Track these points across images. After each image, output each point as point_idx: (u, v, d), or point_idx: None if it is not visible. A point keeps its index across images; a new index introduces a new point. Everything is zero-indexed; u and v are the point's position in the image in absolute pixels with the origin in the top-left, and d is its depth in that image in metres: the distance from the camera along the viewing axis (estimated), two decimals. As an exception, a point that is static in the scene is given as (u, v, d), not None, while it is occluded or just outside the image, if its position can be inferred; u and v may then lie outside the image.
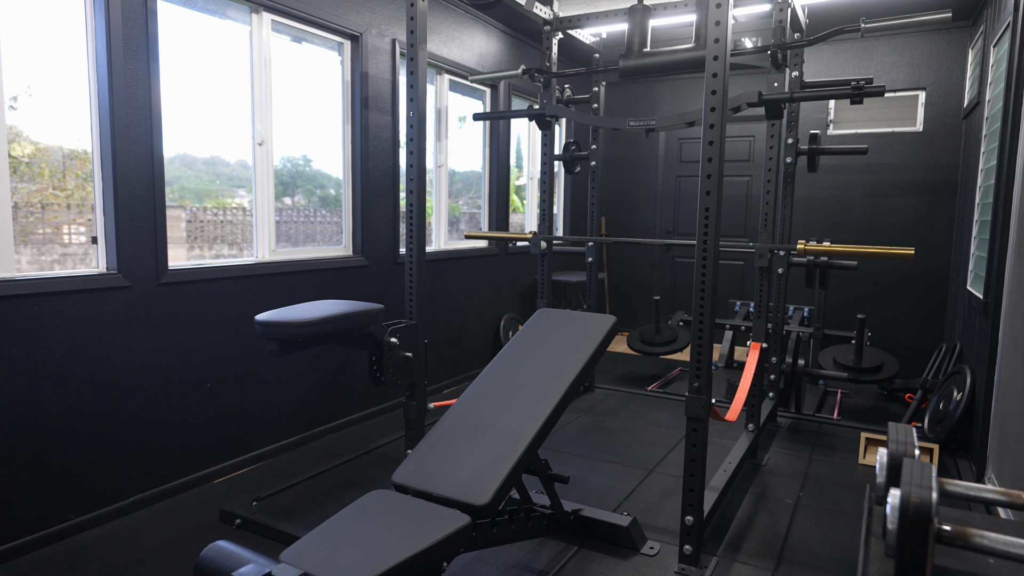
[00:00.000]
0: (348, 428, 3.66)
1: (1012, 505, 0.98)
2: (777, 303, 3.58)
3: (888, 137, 5.01)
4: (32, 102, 2.35)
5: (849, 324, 5.12)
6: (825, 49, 5.08)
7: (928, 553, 0.81)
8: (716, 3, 2.00)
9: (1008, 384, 2.61)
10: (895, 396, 4.42)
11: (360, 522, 1.57)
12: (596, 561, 2.27)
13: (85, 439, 2.44)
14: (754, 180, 5.65)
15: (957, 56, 4.73)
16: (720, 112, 2.04)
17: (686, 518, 2.19)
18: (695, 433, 2.16)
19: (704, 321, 2.15)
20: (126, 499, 2.58)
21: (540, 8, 3.60)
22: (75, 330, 2.39)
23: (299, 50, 3.40)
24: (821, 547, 2.42)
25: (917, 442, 1.06)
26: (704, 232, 2.10)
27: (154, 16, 2.57)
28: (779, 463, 3.23)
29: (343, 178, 3.73)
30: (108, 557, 2.27)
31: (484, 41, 4.73)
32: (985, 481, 2.89)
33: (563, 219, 6.20)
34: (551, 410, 2.00)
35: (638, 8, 3.04)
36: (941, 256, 4.87)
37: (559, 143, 5.54)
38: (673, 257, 6.19)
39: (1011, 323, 2.64)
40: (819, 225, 5.28)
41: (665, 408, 4.10)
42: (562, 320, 2.45)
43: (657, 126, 3.12)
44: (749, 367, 3.01)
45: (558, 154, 4.09)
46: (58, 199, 2.49)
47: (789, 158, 3.50)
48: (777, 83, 3.06)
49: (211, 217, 3.09)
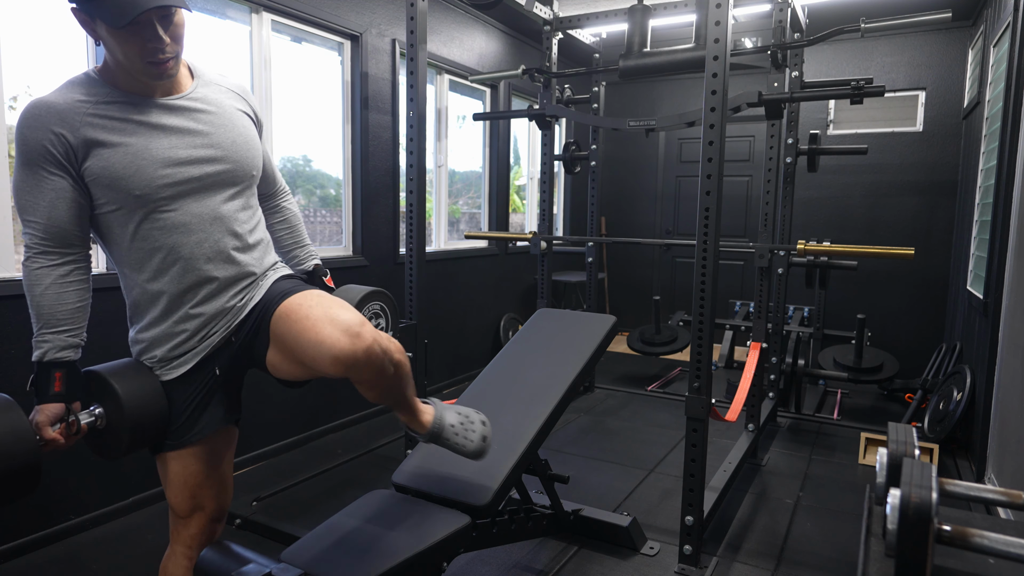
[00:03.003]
0: (348, 428, 3.66)
1: (1012, 505, 0.98)
2: (777, 303, 3.58)
3: (888, 137, 5.01)
4: (32, 102, 2.35)
5: (849, 324, 5.11)
6: (825, 49, 5.08)
7: (928, 553, 0.81)
8: (716, 3, 2.00)
9: (1008, 384, 2.61)
10: (895, 396, 4.42)
11: (360, 522, 1.57)
12: (596, 561, 2.27)
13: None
14: (754, 180, 5.65)
15: (957, 56, 4.73)
16: (720, 112, 2.04)
17: (686, 518, 2.19)
18: (695, 433, 2.16)
19: (704, 321, 2.15)
20: (126, 499, 2.58)
21: (540, 8, 3.60)
22: (75, 330, 2.39)
23: (299, 50, 3.40)
24: (821, 547, 2.42)
25: (917, 442, 1.06)
26: (704, 232, 2.10)
27: (154, 16, 2.56)
28: (779, 463, 3.23)
29: (343, 178, 3.73)
30: (108, 557, 2.27)
31: (484, 41, 4.73)
32: (985, 481, 2.89)
33: (563, 219, 6.20)
34: (551, 410, 2.00)
35: (638, 8, 3.04)
36: (941, 256, 4.87)
37: (559, 143, 5.54)
38: (673, 257, 6.19)
39: (1011, 323, 2.64)
40: (819, 225, 5.28)
41: (665, 408, 4.10)
42: (562, 320, 2.45)
43: (657, 126, 3.12)
44: (749, 367, 3.01)
45: (558, 154, 4.09)
46: (58, 199, 2.49)
47: (789, 158, 3.50)
48: (777, 83, 3.06)
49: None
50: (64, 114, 1.25)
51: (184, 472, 1.42)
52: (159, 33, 1.24)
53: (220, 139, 1.38)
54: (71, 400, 1.30)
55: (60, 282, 1.28)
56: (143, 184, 1.27)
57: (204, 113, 1.38)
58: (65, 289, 1.28)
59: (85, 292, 1.32)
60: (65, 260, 1.28)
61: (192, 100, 1.37)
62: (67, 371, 1.29)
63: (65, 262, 1.28)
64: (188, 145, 1.33)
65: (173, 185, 1.30)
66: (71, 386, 1.30)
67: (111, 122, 1.27)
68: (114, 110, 1.28)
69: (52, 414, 1.27)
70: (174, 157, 1.31)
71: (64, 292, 1.28)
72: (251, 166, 1.44)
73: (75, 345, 1.30)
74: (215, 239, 1.37)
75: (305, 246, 1.70)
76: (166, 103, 1.33)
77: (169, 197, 1.30)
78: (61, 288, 1.28)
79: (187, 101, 1.36)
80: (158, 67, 1.27)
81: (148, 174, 1.27)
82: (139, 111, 1.30)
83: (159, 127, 1.31)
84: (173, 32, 1.28)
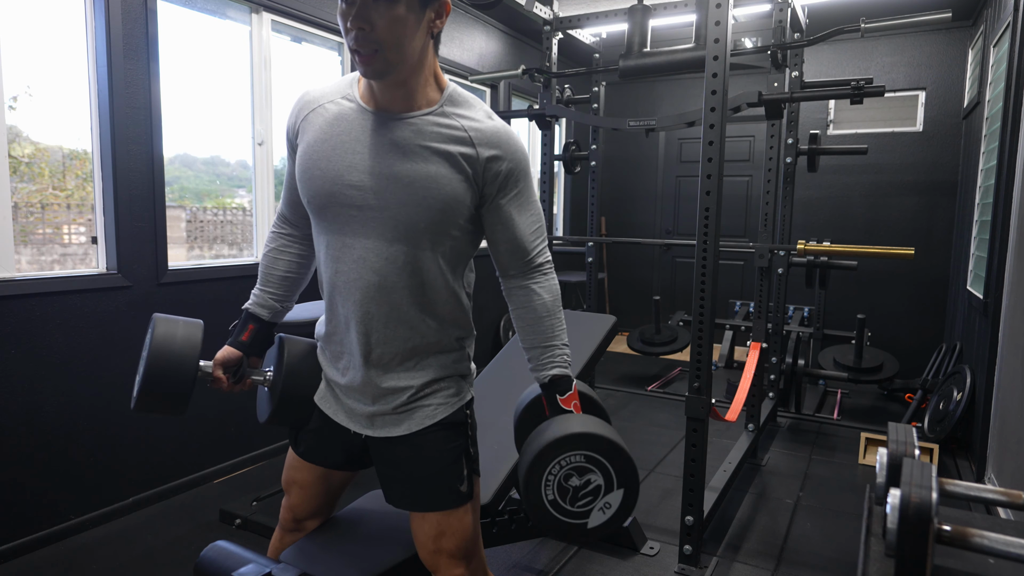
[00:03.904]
0: (348, 428, 3.65)
1: (1012, 505, 0.98)
2: (777, 303, 3.58)
3: (888, 137, 5.01)
4: (32, 102, 2.35)
5: (849, 324, 5.11)
6: (825, 49, 5.08)
7: (928, 553, 0.81)
8: (716, 3, 2.00)
9: (1008, 384, 2.61)
10: (895, 396, 4.42)
11: (360, 522, 1.57)
12: (596, 561, 2.27)
13: (85, 439, 2.44)
14: (754, 180, 5.65)
15: (957, 56, 4.73)
16: (720, 112, 2.04)
17: (686, 518, 2.19)
18: (695, 433, 2.16)
19: (704, 321, 2.15)
20: (126, 499, 2.58)
21: (540, 8, 3.60)
22: (75, 330, 2.39)
23: (299, 50, 3.40)
24: (821, 547, 2.42)
25: (917, 442, 1.06)
26: (704, 232, 2.10)
27: (154, 16, 2.57)
28: (779, 463, 3.23)
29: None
30: (108, 557, 2.27)
31: (484, 41, 4.73)
32: (985, 481, 2.89)
33: (563, 219, 6.20)
34: (551, 410, 1.99)
35: (638, 8, 3.04)
36: (941, 256, 4.87)
37: (559, 143, 5.53)
38: (673, 257, 6.18)
39: (1011, 323, 2.64)
40: (819, 225, 5.28)
41: (665, 408, 4.10)
42: (562, 320, 2.44)
43: (657, 126, 3.12)
44: (749, 367, 3.01)
45: (558, 154, 4.09)
46: (58, 199, 2.49)
47: (789, 158, 3.50)
48: (777, 83, 3.06)
49: (211, 217, 3.09)
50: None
51: (290, 470, 1.41)
52: (349, 10, 1.06)
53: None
54: (250, 353, 1.35)
55: (276, 248, 1.37)
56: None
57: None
58: (278, 256, 1.37)
59: (294, 266, 1.37)
60: (282, 233, 1.37)
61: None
62: (259, 327, 1.35)
63: (281, 234, 1.37)
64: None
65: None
66: (257, 342, 1.35)
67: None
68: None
69: (228, 357, 1.32)
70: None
71: (276, 259, 1.37)
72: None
73: (272, 307, 1.36)
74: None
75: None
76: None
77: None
78: (275, 255, 1.37)
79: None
80: (356, 56, 1.09)
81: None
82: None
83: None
84: (365, 15, 1.04)
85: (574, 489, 1.13)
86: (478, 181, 1.17)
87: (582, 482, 1.12)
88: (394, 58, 1.08)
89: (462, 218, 1.18)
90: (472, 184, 1.17)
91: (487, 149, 1.16)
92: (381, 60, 1.07)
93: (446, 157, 1.14)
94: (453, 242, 1.20)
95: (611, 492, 1.13)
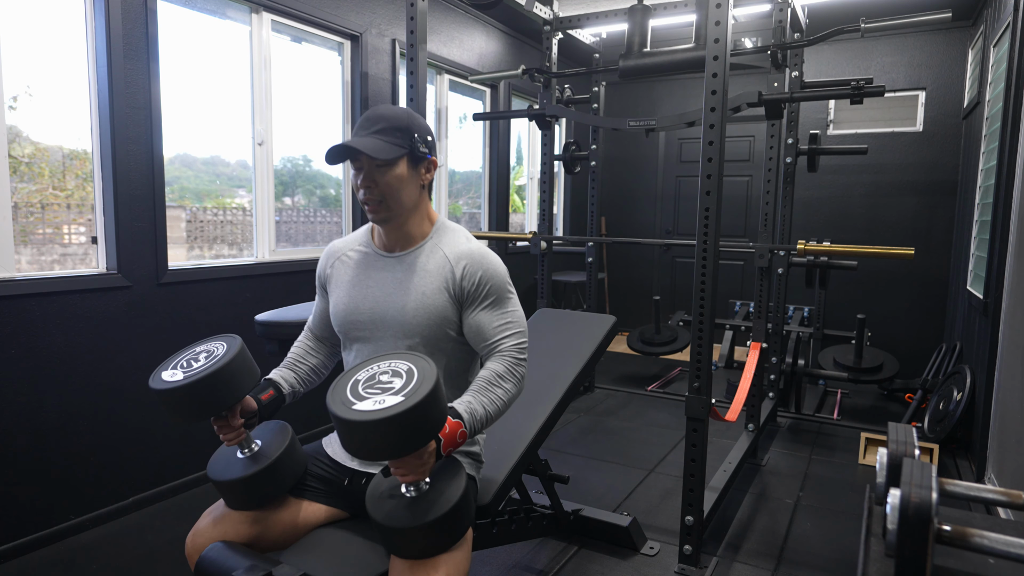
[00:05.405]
0: (348, 428, 3.65)
1: (1012, 505, 0.98)
2: (777, 303, 3.58)
3: (888, 137, 5.01)
4: (32, 102, 2.35)
5: (849, 324, 5.11)
6: (825, 49, 5.08)
7: (928, 553, 0.81)
8: (716, 3, 2.00)
9: (1008, 384, 2.61)
10: (895, 396, 4.42)
11: (360, 522, 1.57)
12: (596, 561, 2.27)
13: (85, 439, 2.44)
14: (754, 180, 5.65)
15: (957, 56, 4.73)
16: (720, 112, 2.04)
17: (686, 518, 2.19)
18: (695, 433, 2.16)
19: (704, 321, 2.15)
20: (126, 499, 2.58)
21: (540, 8, 3.60)
22: (75, 330, 2.39)
23: (299, 50, 3.40)
24: (821, 547, 2.42)
25: (917, 442, 1.06)
26: (704, 232, 2.10)
27: (154, 16, 2.57)
28: (779, 463, 3.23)
29: (343, 178, 3.73)
30: (108, 557, 2.27)
31: (484, 41, 4.73)
32: (985, 481, 2.89)
33: (563, 219, 6.20)
34: (551, 410, 1.99)
35: (638, 8, 3.04)
36: (941, 256, 4.87)
37: (559, 143, 5.53)
38: (673, 257, 6.19)
39: (1011, 323, 2.64)
40: (819, 225, 5.28)
41: (665, 408, 4.10)
42: (562, 320, 2.44)
43: (657, 126, 3.12)
44: (749, 367, 3.01)
45: (558, 154, 4.09)
46: (58, 199, 2.49)
47: (789, 158, 3.50)
48: (777, 83, 3.06)
49: (211, 217, 3.09)
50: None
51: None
52: (359, 174, 1.39)
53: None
54: (261, 415, 1.48)
55: (307, 347, 1.64)
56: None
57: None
58: (308, 352, 1.63)
59: (318, 363, 1.63)
60: (311, 338, 1.65)
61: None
62: (276, 395, 1.51)
63: (311, 339, 1.65)
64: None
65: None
66: (270, 407, 1.50)
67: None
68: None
69: (248, 407, 1.43)
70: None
71: (307, 353, 1.63)
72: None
73: (291, 384, 1.56)
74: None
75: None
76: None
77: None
78: (305, 350, 1.63)
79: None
80: (366, 207, 1.40)
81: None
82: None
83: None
84: (372, 176, 1.37)
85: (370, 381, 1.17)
86: (456, 291, 1.42)
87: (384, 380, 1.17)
88: (395, 206, 1.39)
89: (452, 329, 1.43)
90: (452, 296, 1.42)
91: (460, 264, 1.42)
92: (385, 208, 1.39)
93: (434, 278, 1.42)
94: (454, 344, 1.46)
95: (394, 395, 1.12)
